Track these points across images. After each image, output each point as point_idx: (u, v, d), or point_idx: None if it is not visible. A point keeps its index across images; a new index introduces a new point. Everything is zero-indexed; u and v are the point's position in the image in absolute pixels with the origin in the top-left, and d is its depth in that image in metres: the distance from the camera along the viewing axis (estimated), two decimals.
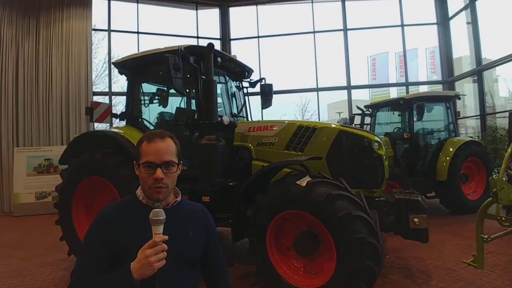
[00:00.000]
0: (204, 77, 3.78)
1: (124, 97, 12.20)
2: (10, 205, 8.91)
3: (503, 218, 3.37)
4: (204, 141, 3.53)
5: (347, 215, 2.72)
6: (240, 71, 4.83)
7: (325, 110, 14.87)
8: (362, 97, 13.22)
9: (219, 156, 3.54)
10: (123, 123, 4.67)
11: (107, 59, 12.08)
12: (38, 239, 6.00)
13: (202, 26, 11.80)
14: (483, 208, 3.38)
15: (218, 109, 4.13)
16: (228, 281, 1.58)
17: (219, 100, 4.72)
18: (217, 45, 11.75)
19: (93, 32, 10.23)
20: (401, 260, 4.24)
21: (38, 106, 9.42)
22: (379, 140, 3.77)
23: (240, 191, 3.38)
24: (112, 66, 10.54)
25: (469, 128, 12.40)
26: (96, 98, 10.32)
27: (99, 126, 9.54)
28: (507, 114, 9.73)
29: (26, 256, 5.02)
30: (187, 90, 4.83)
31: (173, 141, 1.39)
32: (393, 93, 13.38)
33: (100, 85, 12.73)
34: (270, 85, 5.13)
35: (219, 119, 3.61)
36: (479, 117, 10.17)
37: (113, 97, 10.69)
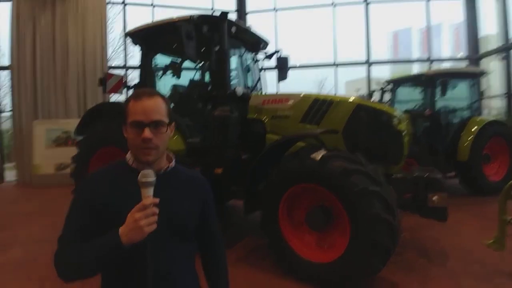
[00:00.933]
0: (217, 46, 3.67)
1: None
2: (31, 176, 9.18)
3: None
4: (217, 112, 3.46)
5: (363, 190, 2.62)
6: (255, 43, 4.68)
7: (343, 88, 14.47)
8: (383, 75, 12.80)
9: (232, 128, 3.47)
10: None
11: (123, 33, 12.07)
12: (56, 208, 6.13)
13: None
14: (508, 189, 3.22)
15: (233, 82, 4.04)
16: (223, 253, 1.51)
17: (234, 72, 4.61)
18: (233, 19, 11.46)
19: (108, 5, 10.09)
20: (417, 239, 4.15)
21: (55, 79, 9.50)
22: (399, 115, 3.61)
23: (254, 164, 3.31)
24: (127, 38, 10.59)
25: (493, 110, 11.91)
26: (112, 72, 10.32)
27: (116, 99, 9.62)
28: None
29: (46, 223, 5.17)
30: (202, 62, 4.74)
31: (163, 100, 1.28)
32: (415, 70, 12.89)
33: (117, 59, 12.74)
34: (286, 58, 4.96)
35: (233, 89, 3.51)
36: (505, 96, 9.69)
37: (129, 71, 10.63)
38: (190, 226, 1.32)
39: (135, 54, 11.62)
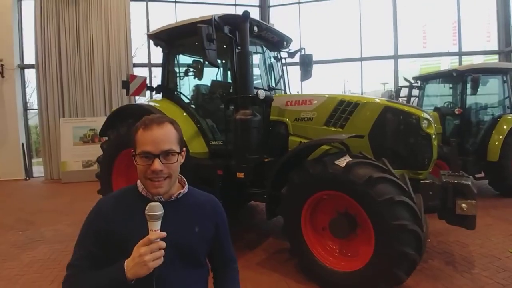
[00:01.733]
0: (239, 48, 3.62)
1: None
2: (59, 173, 9.53)
3: None
4: (239, 116, 3.43)
5: (389, 200, 2.53)
6: (278, 41, 4.60)
7: (369, 82, 14.02)
8: (411, 69, 12.34)
9: (254, 132, 3.43)
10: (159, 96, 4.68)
11: (145, 30, 12.18)
12: (83, 206, 6.33)
13: None
14: None
15: (255, 81, 3.98)
16: (236, 277, 1.46)
17: (256, 71, 4.55)
18: (256, 13, 11.36)
19: (131, 2, 10.20)
20: (443, 244, 4.01)
21: (81, 77, 9.76)
22: (428, 117, 3.46)
23: (276, 168, 3.28)
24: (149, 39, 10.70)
25: None
26: (136, 70, 10.49)
27: (140, 98, 9.78)
28: None
29: (72, 222, 5.35)
30: (223, 61, 4.71)
31: (173, 127, 1.24)
32: (444, 64, 12.36)
33: (141, 56, 12.86)
34: (310, 56, 4.85)
35: (255, 92, 3.46)
36: None
37: (153, 68, 10.76)
38: (200, 252, 1.30)
39: (158, 52, 11.72)
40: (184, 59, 4.66)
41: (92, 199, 5.88)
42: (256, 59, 4.63)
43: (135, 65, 10.67)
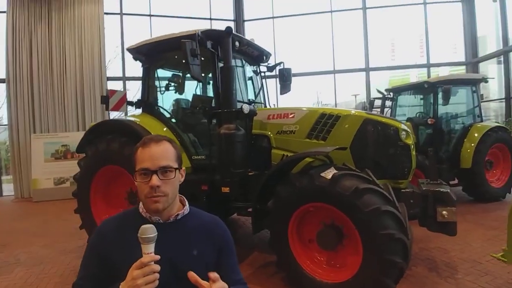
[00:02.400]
0: (221, 62, 3.64)
1: (137, 82, 12.06)
2: (30, 191, 9.08)
3: None
4: (223, 130, 3.42)
5: (376, 210, 2.59)
6: (258, 55, 4.66)
7: (341, 93, 14.47)
8: (380, 80, 12.81)
9: (238, 146, 3.43)
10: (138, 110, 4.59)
11: (118, 43, 12.00)
12: (57, 226, 6.09)
13: (215, 7, 11.51)
14: None
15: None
16: None
17: (237, 86, 4.57)
18: (231, 27, 11.47)
19: (105, 15, 10.05)
20: (425, 251, 4.12)
21: (53, 92, 9.47)
22: (406, 128, 3.59)
23: (263, 182, 3.27)
24: (126, 52, 10.53)
25: (491, 111, 11.95)
26: (110, 83, 10.29)
27: (116, 114, 9.57)
28: None
29: (47, 243, 5.09)
30: (203, 75, 4.70)
31: (171, 145, 1.27)
32: (412, 75, 12.95)
33: (112, 69, 12.65)
34: (289, 69, 4.94)
35: (239, 107, 3.47)
36: (503, 100, 9.74)
37: (128, 83, 10.59)
38: (200, 273, 1.21)
39: (132, 65, 11.56)
40: (164, 73, 4.61)
41: (66, 218, 5.70)
42: (236, 73, 4.66)
43: (109, 78, 10.46)
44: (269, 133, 3.86)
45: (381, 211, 2.58)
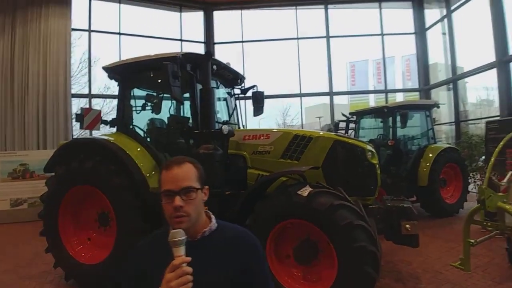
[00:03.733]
0: (199, 84, 3.77)
1: (103, 100, 11.76)
2: None
3: (489, 224, 3.55)
4: (202, 150, 3.51)
5: (349, 224, 2.79)
6: (233, 78, 4.84)
7: (304, 114, 15.11)
8: (340, 102, 13.56)
9: (217, 166, 3.53)
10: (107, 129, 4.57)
11: (83, 59, 11.82)
12: (17, 250, 5.72)
13: (186, 29, 11.71)
14: (470, 215, 3.56)
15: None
16: None
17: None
18: (201, 49, 11.70)
19: (72, 32, 9.88)
20: (390, 264, 4.38)
21: (13, 107, 9.02)
22: (372, 149, 3.89)
23: (241, 201, 3.38)
24: (92, 67, 10.33)
25: (442, 134, 12.98)
26: (75, 101, 10.02)
27: (83, 132, 9.26)
28: (480, 121, 10.31)
29: (8, 268, 4.79)
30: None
31: (193, 166, 1.32)
32: (371, 99, 13.78)
33: (75, 85, 12.34)
34: (262, 93, 5.13)
35: (218, 127, 3.60)
36: (453, 124, 10.68)
37: (94, 100, 10.37)
38: None
39: (96, 80, 11.33)
40: (141, 92, 4.64)
41: (26, 241, 5.47)
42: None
43: (74, 95, 10.18)
44: (245, 153, 3.99)
45: (354, 225, 2.79)
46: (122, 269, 1.38)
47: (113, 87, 12.50)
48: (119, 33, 10.75)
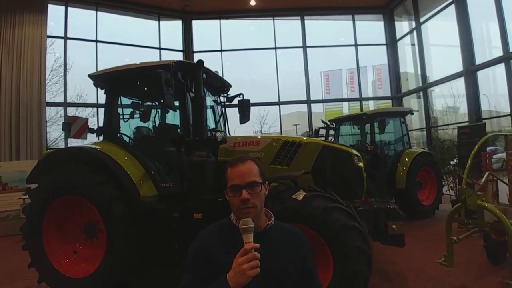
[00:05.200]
0: (191, 93, 3.81)
1: (75, 108, 11.44)
2: None
3: (469, 222, 3.78)
4: (194, 157, 3.53)
5: (344, 225, 2.90)
6: (220, 87, 4.90)
7: (280, 122, 15.41)
8: (315, 110, 13.90)
9: (209, 172, 3.55)
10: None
11: (54, 67, 11.49)
12: None
13: (165, 37, 11.67)
14: (452, 213, 3.78)
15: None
16: None
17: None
18: (179, 57, 11.70)
19: (48, 39, 9.60)
20: (377, 264, 4.51)
21: None
22: (358, 154, 4.06)
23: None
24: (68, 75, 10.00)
25: (412, 139, 13.59)
26: (50, 109, 9.68)
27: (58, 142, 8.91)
28: (447, 127, 10.90)
29: None
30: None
31: (255, 163, 1.48)
32: (345, 107, 14.20)
33: (46, 94, 11.93)
34: (248, 101, 5.21)
35: (211, 135, 3.64)
36: (424, 129, 11.24)
37: (70, 109, 10.07)
38: (288, 283, 1.40)
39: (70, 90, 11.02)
40: (128, 101, 4.61)
41: (1, 256, 5.26)
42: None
43: (48, 104, 9.85)
44: None
45: (348, 227, 2.90)
46: (189, 256, 1.44)
47: (86, 96, 12.30)
48: (96, 41, 10.55)
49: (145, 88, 4.24)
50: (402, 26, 12.57)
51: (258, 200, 1.41)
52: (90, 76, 4.35)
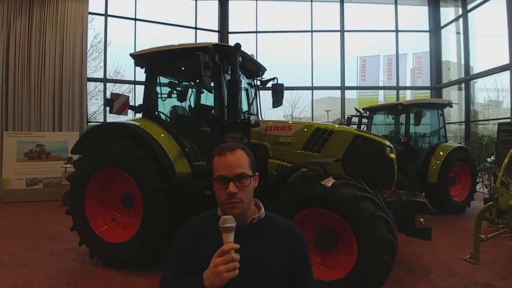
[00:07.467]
0: (227, 75, 3.89)
1: (116, 84, 11.92)
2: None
3: (500, 221, 3.69)
4: (228, 139, 3.65)
5: (371, 214, 2.95)
6: (255, 70, 4.96)
7: (312, 107, 15.22)
8: (349, 96, 13.62)
9: None
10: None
11: (94, 43, 11.95)
12: (34, 228, 5.94)
13: (201, 17, 11.76)
14: (483, 211, 3.70)
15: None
16: None
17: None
18: (215, 38, 11.78)
19: (89, 15, 9.97)
20: (400, 256, 4.50)
21: (29, 89, 9.17)
22: (390, 145, 4.02)
23: (264, 189, 3.53)
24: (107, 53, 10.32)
25: (449, 133, 13.07)
26: (90, 84, 10.15)
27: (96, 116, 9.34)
28: (489, 122, 10.37)
29: (29, 245, 4.98)
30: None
31: (245, 152, 1.31)
32: (381, 95, 13.81)
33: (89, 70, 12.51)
34: (282, 85, 5.24)
35: (245, 117, 3.73)
36: (462, 123, 10.76)
37: (109, 85, 10.51)
38: (275, 279, 1.27)
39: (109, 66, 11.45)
40: (166, 80, 4.78)
41: (41, 220, 5.68)
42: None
43: (89, 79, 10.32)
44: (266, 143, 4.13)
45: (375, 216, 2.95)
46: (171, 247, 1.38)
47: (123, 72, 12.74)
48: (135, 19, 10.82)
49: (183, 69, 4.37)
50: (448, 12, 11.89)
51: (246, 195, 1.26)
52: (131, 55, 4.54)
